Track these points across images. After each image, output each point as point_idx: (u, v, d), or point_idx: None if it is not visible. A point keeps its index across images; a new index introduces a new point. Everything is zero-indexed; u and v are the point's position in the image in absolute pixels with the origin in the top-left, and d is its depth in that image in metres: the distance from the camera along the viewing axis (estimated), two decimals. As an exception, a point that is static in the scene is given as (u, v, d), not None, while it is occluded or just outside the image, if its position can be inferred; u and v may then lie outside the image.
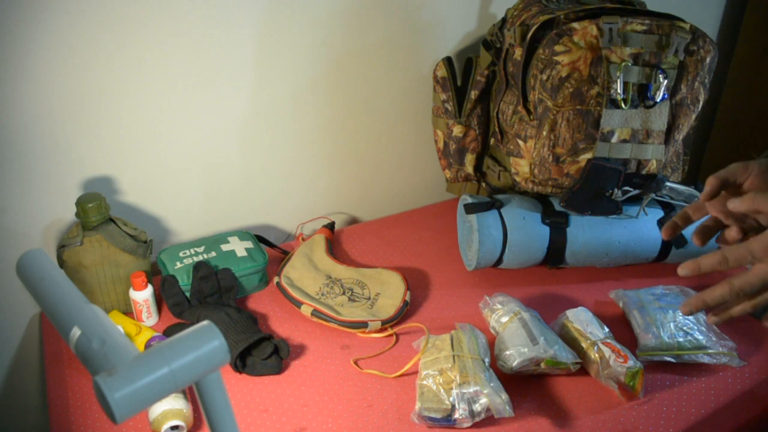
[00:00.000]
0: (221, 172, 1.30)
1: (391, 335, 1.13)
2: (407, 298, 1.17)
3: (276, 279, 1.22)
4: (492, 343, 1.08)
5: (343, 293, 1.18)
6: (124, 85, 1.14)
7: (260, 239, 1.31)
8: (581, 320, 1.08)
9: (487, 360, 1.01)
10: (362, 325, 1.12)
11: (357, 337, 1.13)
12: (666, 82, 1.10)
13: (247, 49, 1.20)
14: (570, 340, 1.06)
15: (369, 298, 1.17)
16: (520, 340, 1.02)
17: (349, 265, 1.26)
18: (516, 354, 1.00)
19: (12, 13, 1.01)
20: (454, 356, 1.00)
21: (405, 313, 1.17)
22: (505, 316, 1.09)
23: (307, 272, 1.22)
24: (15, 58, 1.04)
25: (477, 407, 0.95)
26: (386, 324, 1.13)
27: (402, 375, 1.05)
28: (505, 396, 0.95)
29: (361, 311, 1.14)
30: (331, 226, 1.37)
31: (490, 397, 0.94)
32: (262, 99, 1.26)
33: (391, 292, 1.18)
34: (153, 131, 1.20)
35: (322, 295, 1.18)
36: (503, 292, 1.23)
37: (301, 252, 1.27)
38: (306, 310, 1.14)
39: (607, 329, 1.07)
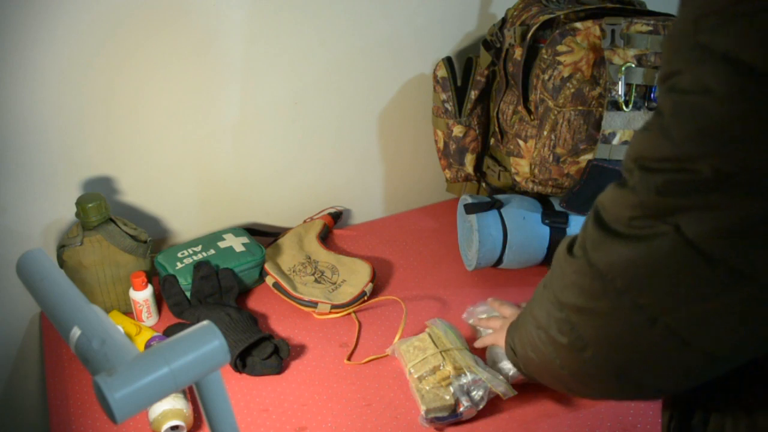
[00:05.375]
0: (221, 172, 1.30)
1: (348, 316, 1.18)
2: (366, 289, 1.20)
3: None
4: (469, 339, 1.08)
5: (313, 274, 1.22)
6: (125, 85, 1.14)
7: (252, 232, 1.32)
8: None
9: (468, 348, 1.02)
10: (312, 304, 1.16)
11: (355, 336, 1.13)
12: None
13: (245, 49, 1.20)
14: None
15: (335, 283, 1.21)
16: None
17: (337, 252, 1.31)
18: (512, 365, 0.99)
19: (15, 14, 1.01)
20: (441, 352, 1.00)
21: (362, 301, 1.19)
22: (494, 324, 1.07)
23: (290, 249, 1.28)
24: (16, 59, 1.04)
25: (477, 395, 0.95)
26: (336, 308, 1.17)
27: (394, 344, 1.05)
28: (502, 378, 0.96)
29: (319, 293, 1.18)
30: (336, 215, 1.42)
31: (490, 382, 0.95)
32: (262, 99, 1.26)
33: (355, 281, 1.21)
34: (153, 131, 1.20)
35: (294, 272, 1.23)
36: (503, 291, 1.23)
37: (296, 231, 1.34)
38: (269, 280, 1.20)
39: None
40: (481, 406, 0.95)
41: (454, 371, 0.97)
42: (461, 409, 0.94)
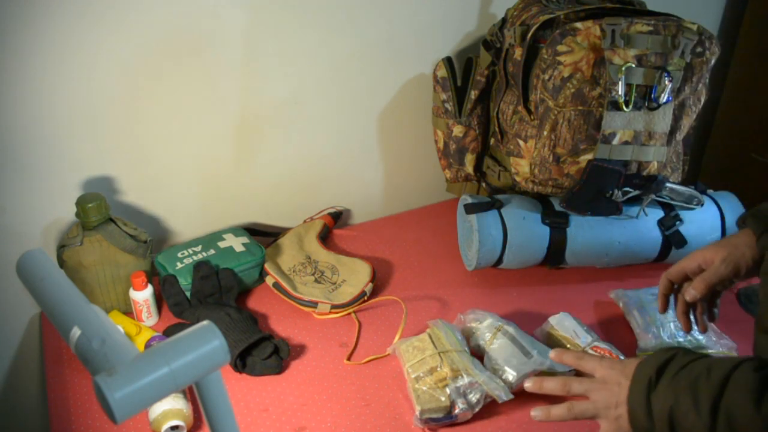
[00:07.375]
0: (221, 172, 1.30)
1: (348, 316, 1.18)
2: (366, 288, 1.20)
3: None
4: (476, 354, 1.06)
5: (313, 274, 1.23)
6: (124, 86, 1.14)
7: (253, 232, 1.32)
8: (565, 327, 1.07)
9: (467, 350, 1.02)
10: (312, 304, 1.16)
11: (355, 336, 1.13)
12: (671, 84, 1.09)
13: (245, 49, 1.20)
14: None
15: (335, 283, 1.21)
16: (513, 355, 1.01)
17: (337, 252, 1.31)
18: (513, 371, 0.99)
19: (13, 15, 1.01)
20: (439, 353, 1.00)
21: (362, 301, 1.19)
22: (487, 332, 1.06)
23: (290, 249, 1.28)
24: (16, 59, 1.04)
25: (473, 398, 0.95)
26: (336, 308, 1.17)
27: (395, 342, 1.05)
28: (500, 381, 0.96)
29: (319, 293, 1.18)
30: (336, 215, 1.42)
31: (486, 385, 0.95)
32: (262, 99, 1.26)
33: (355, 281, 1.21)
34: (154, 131, 1.20)
35: (294, 272, 1.23)
36: (503, 290, 1.23)
37: (296, 231, 1.34)
38: (269, 280, 1.21)
39: (592, 332, 1.06)
40: (476, 409, 0.95)
41: (451, 373, 0.97)
42: (456, 411, 0.94)
